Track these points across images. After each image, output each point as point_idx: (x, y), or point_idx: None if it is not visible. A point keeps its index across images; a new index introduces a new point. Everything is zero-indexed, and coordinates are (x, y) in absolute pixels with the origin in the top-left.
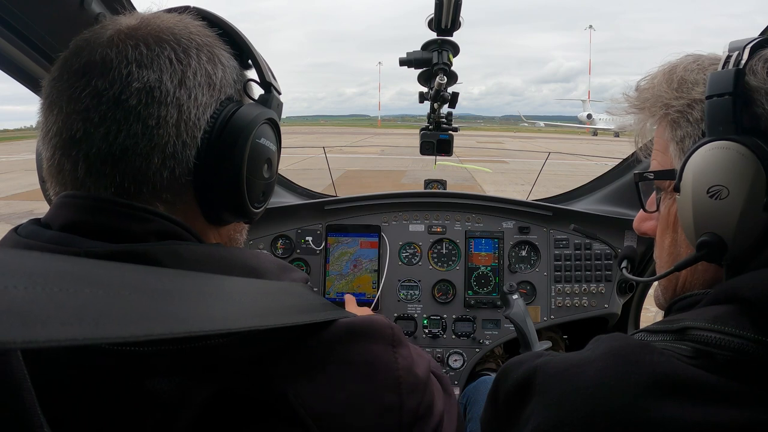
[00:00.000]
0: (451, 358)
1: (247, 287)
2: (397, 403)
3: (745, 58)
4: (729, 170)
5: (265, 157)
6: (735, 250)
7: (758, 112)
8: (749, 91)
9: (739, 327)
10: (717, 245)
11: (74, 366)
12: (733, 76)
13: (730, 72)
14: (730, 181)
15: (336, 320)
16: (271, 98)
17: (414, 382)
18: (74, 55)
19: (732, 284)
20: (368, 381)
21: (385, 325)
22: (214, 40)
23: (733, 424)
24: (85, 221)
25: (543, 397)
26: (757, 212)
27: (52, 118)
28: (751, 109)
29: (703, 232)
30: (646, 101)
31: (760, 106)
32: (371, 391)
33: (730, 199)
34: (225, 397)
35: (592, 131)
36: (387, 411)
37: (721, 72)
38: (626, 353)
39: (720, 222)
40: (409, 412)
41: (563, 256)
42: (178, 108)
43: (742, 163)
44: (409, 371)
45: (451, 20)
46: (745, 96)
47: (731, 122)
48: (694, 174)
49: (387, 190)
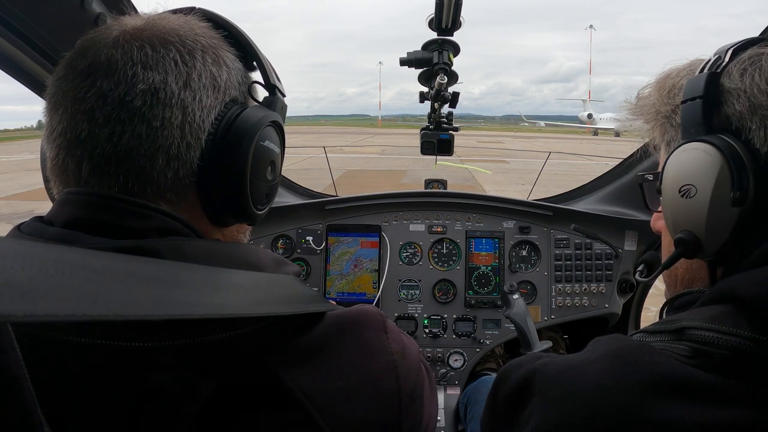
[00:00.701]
0: (452, 357)
1: (245, 278)
2: (395, 388)
3: (726, 60)
4: (696, 169)
5: (269, 159)
6: (711, 247)
7: (729, 113)
8: (723, 93)
9: (737, 326)
10: (692, 242)
11: (77, 363)
12: (704, 80)
13: (702, 76)
14: (698, 179)
15: (328, 311)
16: (275, 101)
17: (408, 366)
18: (79, 55)
19: (728, 284)
20: (365, 368)
21: (375, 312)
22: (219, 41)
23: (733, 423)
24: (88, 218)
25: (543, 398)
26: (725, 208)
27: (56, 118)
28: (723, 110)
29: (679, 230)
30: (643, 108)
31: (731, 106)
32: (369, 377)
33: (698, 196)
34: (228, 391)
35: (592, 131)
36: (386, 396)
37: (695, 77)
38: (625, 354)
39: (692, 220)
40: (406, 395)
41: (564, 256)
42: (183, 109)
43: (707, 161)
44: (403, 355)
45: (452, 20)
46: (717, 98)
47: (701, 123)
48: (668, 175)
49: (387, 190)
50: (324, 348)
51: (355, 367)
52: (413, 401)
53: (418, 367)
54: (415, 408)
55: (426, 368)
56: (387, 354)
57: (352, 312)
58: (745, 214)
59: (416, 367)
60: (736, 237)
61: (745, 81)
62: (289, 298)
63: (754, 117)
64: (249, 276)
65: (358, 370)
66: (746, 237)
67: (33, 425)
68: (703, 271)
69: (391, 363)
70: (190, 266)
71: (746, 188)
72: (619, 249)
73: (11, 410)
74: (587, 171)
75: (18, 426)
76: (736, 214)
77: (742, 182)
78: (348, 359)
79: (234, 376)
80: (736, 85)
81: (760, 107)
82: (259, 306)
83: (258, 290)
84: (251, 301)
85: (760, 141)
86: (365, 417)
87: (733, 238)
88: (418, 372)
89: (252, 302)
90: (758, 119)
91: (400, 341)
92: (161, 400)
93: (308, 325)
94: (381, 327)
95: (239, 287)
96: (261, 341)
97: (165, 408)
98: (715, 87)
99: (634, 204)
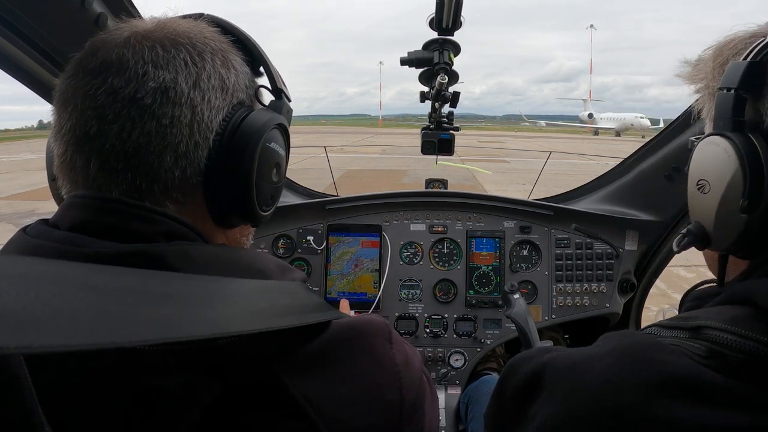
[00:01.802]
0: (453, 357)
1: (249, 288)
2: (397, 398)
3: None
4: (712, 167)
5: (275, 161)
6: (720, 244)
7: (764, 109)
8: (764, 86)
9: (754, 330)
10: (700, 235)
11: (79, 365)
12: (742, 70)
13: (742, 65)
14: (712, 177)
15: (334, 320)
16: (281, 105)
17: (411, 377)
18: (90, 54)
19: (746, 287)
20: (370, 377)
21: (380, 323)
22: (228, 45)
23: (740, 427)
24: (94, 221)
25: (551, 393)
26: (734, 212)
27: (65, 115)
28: (758, 106)
29: (693, 219)
30: (696, 75)
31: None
32: (373, 386)
33: (711, 194)
34: (232, 395)
35: (593, 131)
36: (388, 406)
37: (736, 64)
38: (634, 351)
39: (703, 214)
40: (408, 405)
41: (564, 256)
42: (192, 109)
43: (724, 161)
44: (406, 366)
45: (452, 20)
46: (756, 91)
47: (729, 118)
48: (692, 164)
49: (388, 190)
50: (329, 356)
51: (359, 375)
52: (415, 411)
53: (420, 377)
54: (416, 418)
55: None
56: (391, 365)
57: (357, 321)
58: (756, 220)
59: (419, 378)
60: (745, 240)
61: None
62: (296, 307)
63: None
64: (254, 284)
65: (362, 379)
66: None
67: (33, 425)
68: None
69: (395, 374)
70: (193, 278)
71: (758, 196)
72: (619, 249)
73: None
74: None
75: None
76: (744, 220)
77: (754, 190)
78: (352, 367)
79: (237, 380)
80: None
81: None
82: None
83: (263, 300)
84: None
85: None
86: (367, 425)
87: (742, 240)
88: (420, 382)
89: (257, 315)
90: None
91: (404, 352)
92: (164, 403)
93: (314, 332)
94: (386, 337)
95: (244, 298)
96: (265, 346)
97: (167, 411)
98: (757, 79)
99: (635, 204)
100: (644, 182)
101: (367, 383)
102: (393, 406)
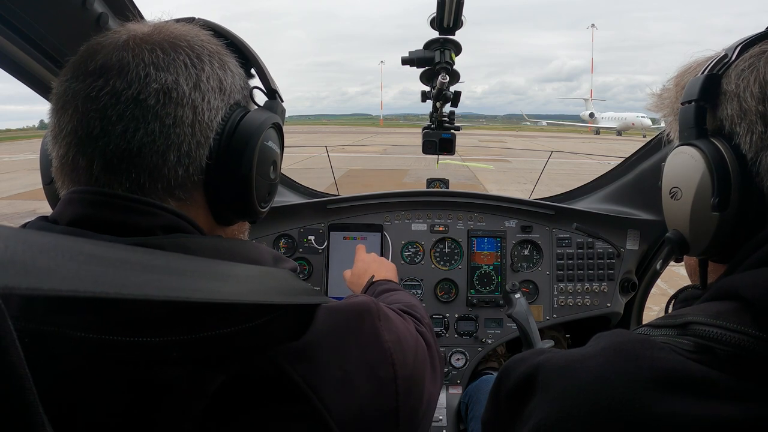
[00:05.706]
0: (454, 357)
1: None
2: (391, 375)
3: (732, 59)
4: (682, 173)
5: (272, 159)
6: (697, 247)
7: (722, 116)
8: (720, 95)
9: (741, 323)
10: (678, 242)
11: (83, 359)
12: (700, 83)
13: (699, 79)
14: (683, 183)
15: (324, 303)
16: (276, 104)
17: (404, 352)
18: (88, 57)
19: (731, 282)
20: (361, 356)
21: (367, 302)
22: (223, 48)
23: (733, 420)
24: (93, 216)
25: (545, 393)
26: (706, 212)
27: (66, 117)
28: (717, 113)
29: (670, 228)
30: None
31: (725, 109)
32: (365, 365)
33: (683, 199)
34: (235, 385)
35: (594, 130)
36: (383, 383)
37: (694, 79)
38: (626, 348)
39: (678, 221)
40: (403, 381)
41: (566, 255)
42: (194, 109)
43: (692, 166)
44: (398, 342)
45: (454, 19)
46: (715, 101)
47: (692, 127)
48: (663, 178)
49: (389, 189)
50: (322, 340)
51: (351, 356)
52: (411, 386)
53: (415, 351)
54: (414, 392)
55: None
56: (381, 342)
57: (344, 304)
58: (728, 218)
59: (413, 352)
60: (720, 239)
61: (739, 84)
62: (284, 289)
63: (742, 122)
64: (247, 268)
65: (355, 360)
66: (734, 239)
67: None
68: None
69: (385, 350)
70: (191, 257)
71: (727, 194)
72: (621, 248)
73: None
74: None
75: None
76: (717, 219)
77: (722, 188)
78: (344, 350)
79: (240, 370)
80: (731, 88)
81: (748, 112)
82: (254, 294)
83: (254, 281)
84: (247, 290)
85: (746, 147)
86: (364, 404)
87: (717, 240)
88: (415, 356)
89: (247, 291)
90: (746, 124)
91: (394, 328)
92: (168, 395)
93: (307, 318)
94: (374, 315)
95: (237, 277)
96: (265, 335)
97: (172, 403)
98: (714, 89)
99: (636, 203)
100: (645, 182)
101: (360, 363)
102: (387, 383)
